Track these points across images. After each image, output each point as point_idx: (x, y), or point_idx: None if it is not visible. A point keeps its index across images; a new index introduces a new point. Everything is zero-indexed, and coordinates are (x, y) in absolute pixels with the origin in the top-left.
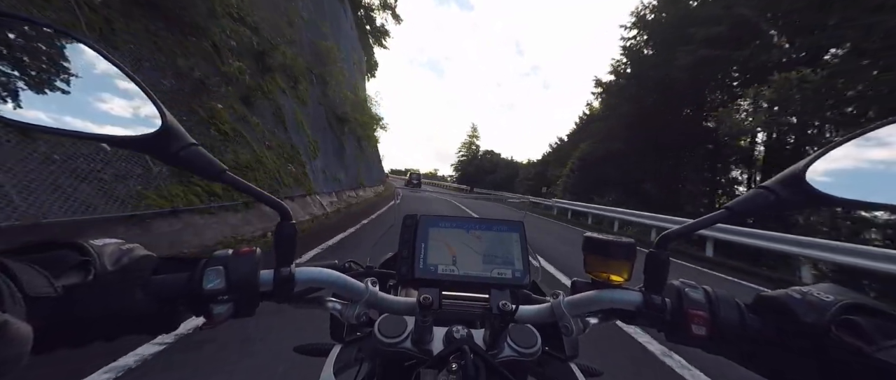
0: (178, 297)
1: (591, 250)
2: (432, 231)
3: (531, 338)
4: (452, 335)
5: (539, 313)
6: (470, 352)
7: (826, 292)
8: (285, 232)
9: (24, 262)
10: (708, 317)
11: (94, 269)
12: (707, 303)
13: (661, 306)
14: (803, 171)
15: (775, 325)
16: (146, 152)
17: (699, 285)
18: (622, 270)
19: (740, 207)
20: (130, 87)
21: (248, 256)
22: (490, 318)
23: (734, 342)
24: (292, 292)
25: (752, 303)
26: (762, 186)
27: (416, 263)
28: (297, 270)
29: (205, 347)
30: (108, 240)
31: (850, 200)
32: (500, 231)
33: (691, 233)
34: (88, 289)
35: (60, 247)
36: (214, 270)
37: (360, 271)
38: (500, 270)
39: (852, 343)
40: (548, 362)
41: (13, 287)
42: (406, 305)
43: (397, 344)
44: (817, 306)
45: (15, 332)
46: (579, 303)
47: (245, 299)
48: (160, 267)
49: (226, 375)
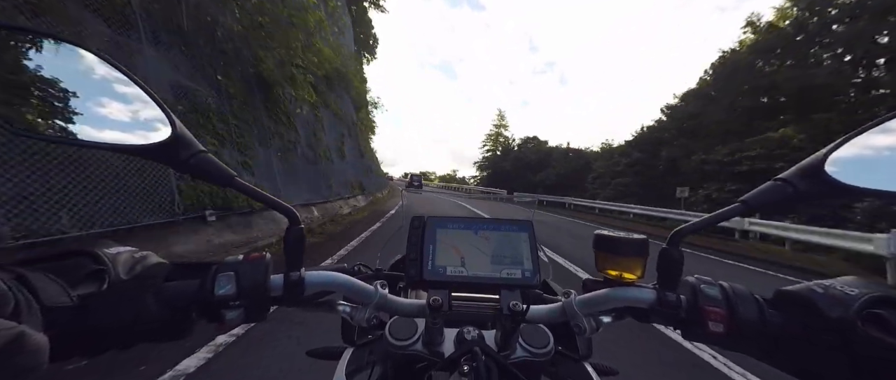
0: (191, 303)
1: (603, 248)
2: (440, 233)
3: (543, 338)
4: (463, 337)
5: (550, 313)
6: (481, 354)
7: (850, 286)
8: (295, 236)
9: (40, 271)
10: (725, 313)
11: (108, 277)
12: (724, 299)
13: (675, 304)
14: (822, 161)
15: (798, 320)
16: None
17: (715, 281)
18: (635, 267)
19: (756, 200)
20: (141, 96)
21: (259, 261)
22: (501, 318)
23: (754, 339)
24: (302, 296)
25: (772, 298)
26: (779, 178)
27: (424, 265)
28: (307, 274)
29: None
30: (121, 248)
31: (871, 189)
32: (509, 231)
33: (706, 228)
34: (103, 297)
35: (75, 255)
36: (226, 276)
37: (369, 274)
38: (509, 270)
39: (880, 338)
40: (561, 362)
41: (30, 297)
42: (416, 307)
43: (408, 346)
44: (842, 300)
45: (32, 342)
46: (591, 302)
47: (256, 304)
48: (172, 274)
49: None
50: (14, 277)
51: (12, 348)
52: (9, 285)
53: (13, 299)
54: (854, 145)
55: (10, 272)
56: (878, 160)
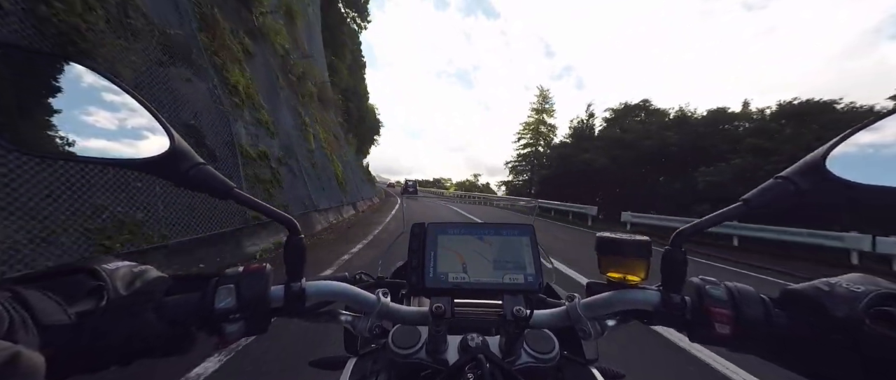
0: (191, 318)
1: (606, 251)
2: (441, 239)
3: (548, 343)
4: (467, 344)
5: (555, 317)
6: (486, 361)
7: (856, 283)
8: (295, 246)
9: (38, 289)
10: (731, 314)
11: (107, 294)
12: (729, 300)
13: (680, 305)
14: (823, 158)
15: (805, 320)
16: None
17: (720, 282)
18: (638, 269)
19: (758, 199)
20: (139, 110)
21: (259, 272)
22: (505, 324)
23: (761, 339)
24: (304, 307)
25: (778, 298)
26: (780, 176)
27: (426, 273)
28: (308, 284)
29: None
30: (119, 263)
31: (874, 186)
32: (510, 236)
33: (707, 228)
34: (102, 314)
35: (73, 272)
36: (226, 289)
37: (370, 283)
38: (511, 275)
39: (889, 335)
40: (567, 367)
41: (26, 317)
42: (418, 315)
43: (412, 355)
44: (848, 298)
45: (27, 363)
46: (595, 305)
47: (257, 316)
48: (173, 288)
49: None
50: (10, 295)
51: (7, 369)
52: (4, 305)
53: (8, 319)
54: (855, 142)
55: (6, 291)
56: (880, 156)
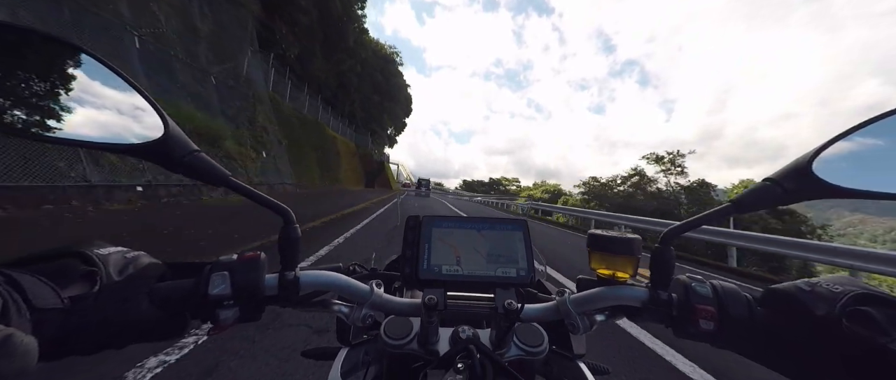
0: (185, 303)
1: (596, 247)
2: (435, 232)
3: (538, 337)
4: (458, 335)
5: (545, 311)
6: (476, 352)
7: (835, 284)
8: (289, 236)
9: (31, 273)
10: (715, 311)
11: (100, 279)
12: (714, 297)
13: (667, 302)
14: (809, 163)
15: (785, 318)
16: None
17: (706, 280)
18: (627, 266)
19: (747, 200)
20: (133, 94)
21: (253, 260)
22: (496, 317)
23: (743, 337)
24: (297, 296)
25: (760, 296)
26: (768, 179)
27: (419, 265)
28: (302, 273)
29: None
30: (112, 248)
31: (858, 190)
32: (504, 230)
33: (696, 227)
34: (95, 299)
35: (66, 257)
36: (220, 276)
37: (364, 274)
38: (504, 269)
39: (865, 334)
40: (555, 360)
41: (19, 300)
42: (411, 306)
43: (403, 346)
44: (827, 298)
45: (19, 345)
46: (585, 300)
47: (250, 303)
48: (166, 274)
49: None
50: (3, 279)
51: (1, 351)
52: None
53: (1, 302)
54: (841, 147)
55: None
56: (864, 162)
